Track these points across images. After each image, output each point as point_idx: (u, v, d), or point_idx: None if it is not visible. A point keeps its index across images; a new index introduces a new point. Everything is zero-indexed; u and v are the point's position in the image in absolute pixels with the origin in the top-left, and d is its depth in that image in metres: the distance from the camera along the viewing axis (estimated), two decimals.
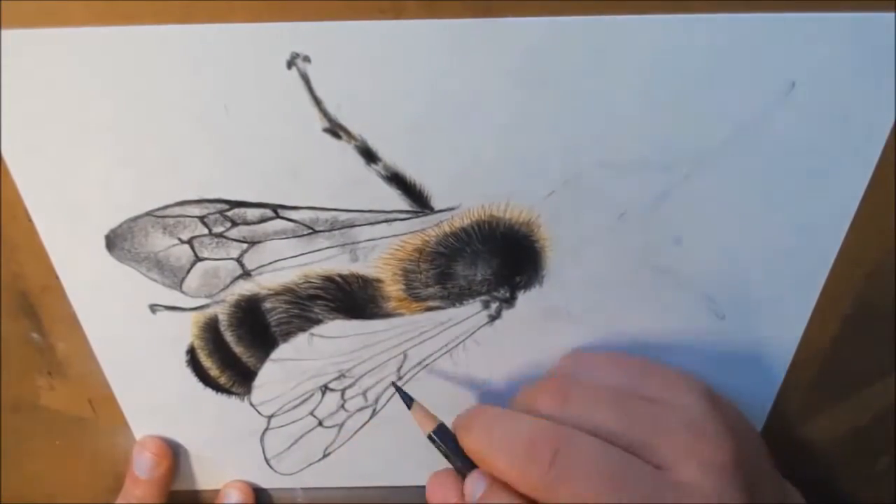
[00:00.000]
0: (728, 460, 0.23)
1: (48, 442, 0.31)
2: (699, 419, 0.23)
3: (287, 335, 0.28)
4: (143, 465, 0.30)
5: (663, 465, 0.22)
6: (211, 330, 0.27)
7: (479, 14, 0.20)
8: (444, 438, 0.26)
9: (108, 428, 0.30)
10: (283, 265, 0.26)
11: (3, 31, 0.20)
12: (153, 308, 0.27)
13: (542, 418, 0.24)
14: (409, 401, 0.27)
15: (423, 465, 0.27)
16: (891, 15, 0.20)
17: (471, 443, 0.24)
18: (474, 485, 0.24)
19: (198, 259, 0.26)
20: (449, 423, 0.26)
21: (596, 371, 0.26)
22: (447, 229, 0.25)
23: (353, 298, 0.27)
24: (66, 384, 0.29)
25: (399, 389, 0.27)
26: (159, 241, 0.25)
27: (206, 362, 0.28)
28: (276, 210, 0.24)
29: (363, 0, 0.20)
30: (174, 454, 0.31)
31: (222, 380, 0.29)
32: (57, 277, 0.26)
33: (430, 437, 0.26)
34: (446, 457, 0.26)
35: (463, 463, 0.25)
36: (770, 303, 0.27)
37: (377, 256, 0.26)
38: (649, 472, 0.22)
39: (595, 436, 0.23)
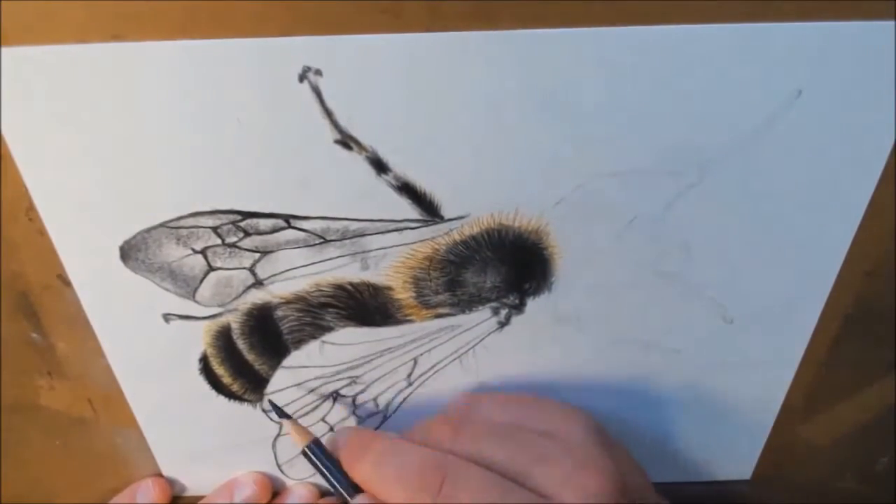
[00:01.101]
0: (608, 489, 0.23)
1: (48, 442, 0.31)
2: (581, 448, 0.24)
3: (299, 343, 0.28)
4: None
5: (545, 493, 0.23)
6: (223, 338, 0.28)
7: (481, 12, 0.20)
8: (319, 455, 0.27)
9: (108, 428, 0.30)
10: (294, 274, 0.26)
11: (33, 48, 0.21)
12: (167, 317, 0.27)
13: (430, 449, 0.25)
14: (283, 416, 0.28)
15: None
16: (891, 23, 0.21)
17: (361, 471, 0.25)
18: None
19: (211, 269, 0.26)
20: None
21: (489, 408, 0.27)
22: (457, 237, 0.25)
23: (363, 306, 0.27)
24: (66, 384, 0.29)
25: (273, 404, 0.28)
26: (173, 252, 0.25)
27: (219, 370, 0.28)
28: (288, 220, 0.25)
29: (364, 0, 0.20)
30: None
31: (235, 387, 0.29)
32: (57, 277, 0.26)
33: (304, 453, 0.27)
34: (321, 473, 0.27)
35: (338, 480, 0.26)
36: (777, 307, 0.27)
37: (388, 265, 0.26)
38: (531, 500, 0.23)
39: (481, 466, 0.24)
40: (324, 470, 0.26)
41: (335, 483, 0.26)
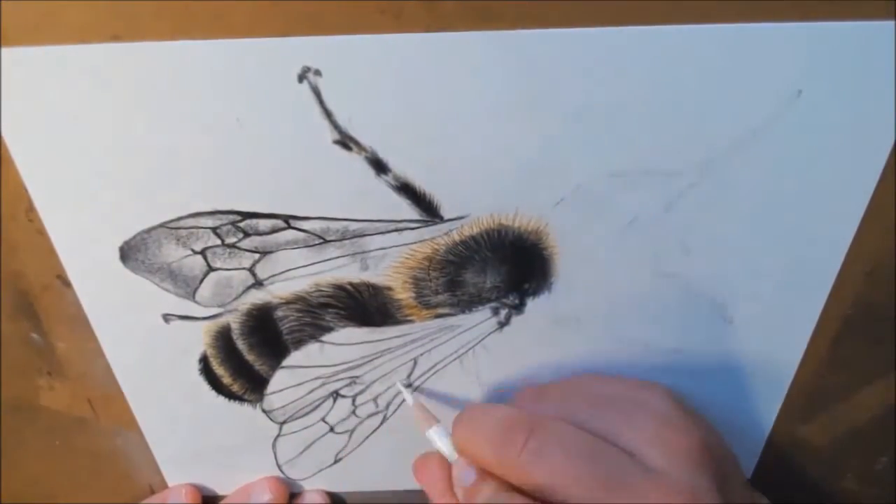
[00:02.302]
0: (695, 447, 0.23)
1: (48, 442, 0.31)
2: (665, 412, 0.24)
3: (299, 343, 0.28)
4: None
5: (632, 451, 0.23)
6: (223, 338, 0.28)
7: (481, 12, 0.20)
8: (442, 437, 0.27)
9: (108, 428, 0.31)
10: (294, 274, 0.26)
11: (33, 48, 0.21)
12: (166, 318, 0.27)
13: (518, 410, 0.25)
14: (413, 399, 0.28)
15: None
16: (891, 23, 0.21)
17: (457, 435, 0.26)
18: (462, 473, 0.25)
19: (210, 269, 0.26)
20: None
21: (567, 385, 0.27)
22: (457, 238, 0.25)
23: (363, 306, 0.27)
24: (66, 384, 0.29)
25: (406, 386, 0.29)
26: (173, 252, 0.25)
27: (219, 370, 0.28)
28: (288, 220, 0.25)
29: (363, 0, 0.20)
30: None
31: (235, 387, 0.29)
32: (57, 277, 0.26)
33: (430, 436, 0.27)
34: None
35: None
36: (777, 307, 0.27)
37: (387, 265, 0.26)
38: (619, 455, 0.23)
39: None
40: (446, 451, 0.27)
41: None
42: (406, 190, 0.24)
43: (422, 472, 0.28)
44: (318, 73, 0.21)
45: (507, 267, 0.26)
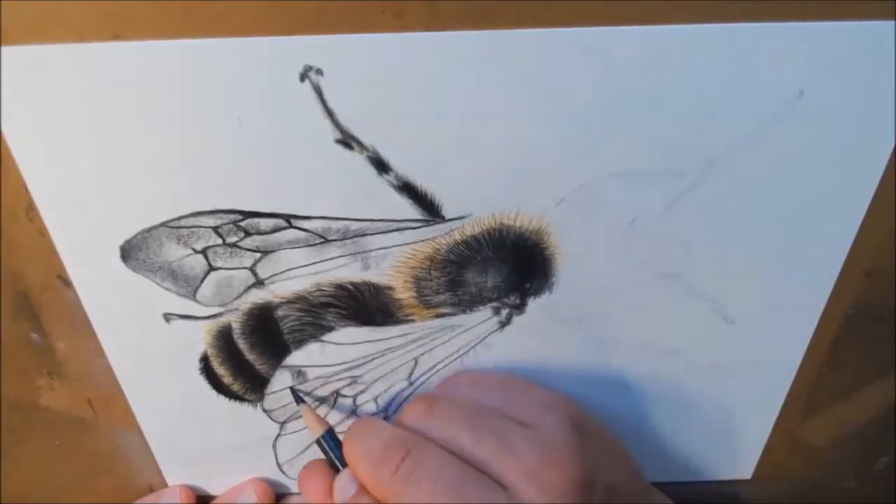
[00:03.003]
0: (574, 482, 0.23)
1: (48, 442, 0.31)
2: (553, 440, 0.24)
3: (299, 342, 0.28)
4: None
5: (508, 485, 0.23)
6: (224, 338, 0.28)
7: (481, 12, 0.20)
8: (331, 444, 0.27)
9: (108, 428, 0.30)
10: (295, 274, 0.26)
11: (33, 47, 0.21)
12: (167, 317, 0.27)
13: (401, 428, 0.25)
14: (300, 401, 0.29)
15: None
16: (891, 23, 0.21)
17: (344, 449, 0.26)
18: (343, 485, 0.26)
19: (211, 269, 0.26)
20: None
21: (468, 389, 0.27)
22: (458, 237, 0.25)
23: (364, 306, 0.27)
24: (66, 384, 0.29)
25: (293, 390, 0.29)
26: (174, 252, 0.25)
27: (220, 370, 0.28)
28: (289, 220, 0.25)
29: (364, 0, 0.20)
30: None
31: (235, 387, 0.29)
32: (57, 277, 0.26)
33: (318, 442, 0.27)
34: (330, 461, 0.27)
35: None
36: (778, 307, 0.27)
37: (388, 265, 0.26)
38: (490, 489, 0.23)
39: (447, 448, 0.24)
40: (335, 460, 0.27)
41: (338, 466, 0.27)
42: (407, 189, 0.24)
43: (306, 479, 0.28)
44: (319, 72, 0.21)
45: (509, 266, 0.26)
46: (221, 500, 0.32)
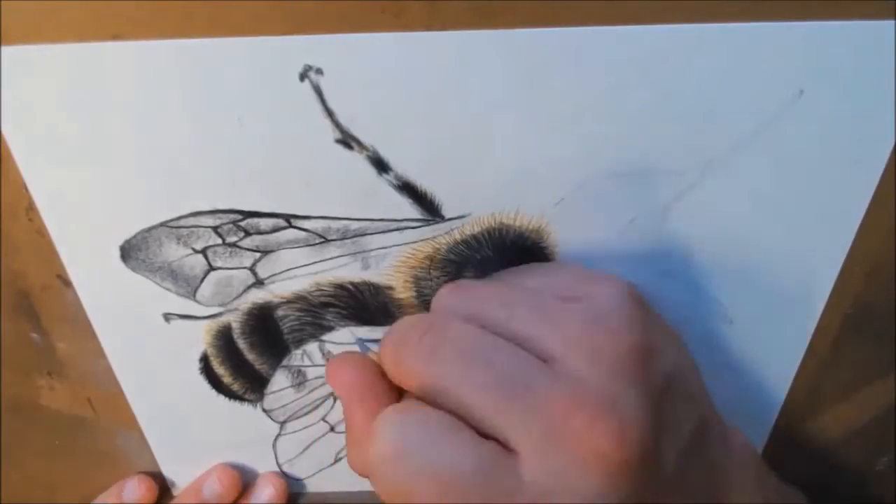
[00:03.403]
0: (630, 351, 0.19)
1: (48, 442, 0.31)
2: (604, 309, 0.20)
3: (299, 342, 0.28)
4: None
5: (550, 356, 0.20)
6: (224, 338, 0.28)
7: (481, 11, 0.20)
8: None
9: (108, 428, 0.30)
10: (295, 273, 0.26)
11: (33, 47, 0.21)
12: (167, 317, 0.27)
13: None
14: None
15: None
16: (891, 23, 0.21)
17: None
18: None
19: (211, 268, 0.26)
20: None
21: (505, 275, 0.24)
22: (458, 237, 0.25)
23: (364, 306, 0.27)
24: (66, 384, 0.29)
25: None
26: (173, 252, 0.25)
27: (219, 369, 0.28)
28: (289, 220, 0.25)
29: (365, 0, 0.20)
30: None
31: (235, 387, 0.29)
32: (57, 277, 0.26)
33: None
34: None
35: None
36: (778, 307, 0.27)
37: (388, 264, 0.26)
38: (525, 360, 0.20)
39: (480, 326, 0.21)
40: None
41: None
42: (407, 189, 0.24)
43: (340, 370, 0.23)
44: (319, 71, 0.21)
45: (509, 266, 0.26)
46: (188, 489, 0.31)
